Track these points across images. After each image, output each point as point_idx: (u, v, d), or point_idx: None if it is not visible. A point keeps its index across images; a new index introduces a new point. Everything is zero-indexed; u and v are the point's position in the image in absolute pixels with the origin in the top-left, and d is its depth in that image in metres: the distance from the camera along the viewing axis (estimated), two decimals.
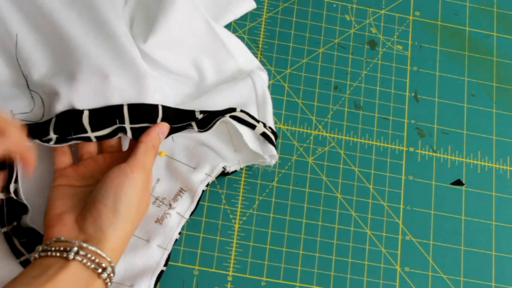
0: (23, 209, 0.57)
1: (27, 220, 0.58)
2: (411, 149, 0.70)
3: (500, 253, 0.67)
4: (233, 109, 0.62)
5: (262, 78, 0.66)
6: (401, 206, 0.68)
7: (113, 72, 0.60)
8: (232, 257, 0.64)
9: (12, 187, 0.57)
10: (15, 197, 0.57)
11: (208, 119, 0.61)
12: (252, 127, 0.62)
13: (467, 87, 0.73)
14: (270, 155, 0.63)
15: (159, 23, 0.64)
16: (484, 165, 0.70)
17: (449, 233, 0.67)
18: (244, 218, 0.66)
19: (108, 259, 0.51)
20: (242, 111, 0.62)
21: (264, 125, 0.63)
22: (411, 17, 0.75)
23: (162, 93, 0.64)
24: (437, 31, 0.75)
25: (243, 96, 0.64)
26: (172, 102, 0.64)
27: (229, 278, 0.63)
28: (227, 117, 0.61)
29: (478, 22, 0.76)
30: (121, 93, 0.60)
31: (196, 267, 0.63)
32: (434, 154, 0.70)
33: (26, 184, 0.59)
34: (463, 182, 0.70)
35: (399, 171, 0.69)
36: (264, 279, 0.64)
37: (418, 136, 0.71)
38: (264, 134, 0.62)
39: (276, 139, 0.64)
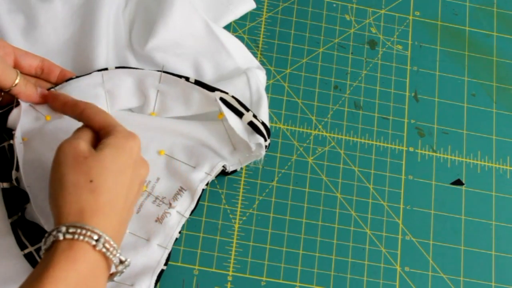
0: (26, 197, 0.57)
1: (31, 210, 0.57)
2: (411, 149, 0.70)
3: (500, 253, 0.67)
4: (226, 92, 0.63)
5: (258, 75, 0.67)
6: (401, 206, 0.68)
7: None
8: (232, 257, 0.64)
9: (13, 174, 0.57)
10: (16, 185, 0.57)
11: (200, 83, 0.63)
12: (240, 114, 0.62)
13: (467, 87, 0.73)
14: (256, 144, 0.63)
15: (159, 26, 0.65)
16: (484, 165, 0.70)
17: (449, 233, 0.67)
18: (244, 218, 0.65)
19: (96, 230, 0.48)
20: (233, 97, 0.62)
21: (255, 116, 0.63)
22: (411, 17, 0.75)
23: None
24: (437, 31, 0.75)
25: (236, 92, 0.64)
26: None
27: (229, 278, 0.63)
28: (217, 96, 0.62)
29: (478, 22, 0.76)
30: None
31: (196, 267, 0.63)
32: (434, 154, 0.70)
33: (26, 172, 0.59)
34: (463, 182, 0.70)
35: (399, 171, 0.69)
36: (264, 279, 0.64)
37: (418, 136, 0.71)
38: (252, 124, 0.62)
39: (269, 135, 0.63)
